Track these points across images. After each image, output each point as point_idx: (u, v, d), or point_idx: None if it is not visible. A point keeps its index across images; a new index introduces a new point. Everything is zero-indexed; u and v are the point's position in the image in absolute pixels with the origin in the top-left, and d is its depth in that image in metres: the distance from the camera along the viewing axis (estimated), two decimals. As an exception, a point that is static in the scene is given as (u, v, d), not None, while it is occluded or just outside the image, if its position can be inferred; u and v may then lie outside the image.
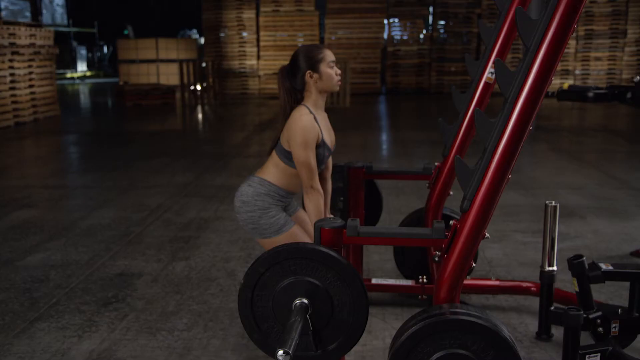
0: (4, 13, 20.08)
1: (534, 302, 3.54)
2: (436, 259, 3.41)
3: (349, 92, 14.64)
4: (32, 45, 12.08)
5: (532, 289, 3.43)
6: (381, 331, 3.25)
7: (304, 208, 3.05)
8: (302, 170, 2.79)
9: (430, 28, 18.42)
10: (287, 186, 2.96)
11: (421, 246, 3.34)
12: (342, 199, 3.47)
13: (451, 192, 3.39)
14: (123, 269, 4.22)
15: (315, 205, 2.81)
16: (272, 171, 2.93)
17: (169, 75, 21.01)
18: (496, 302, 3.60)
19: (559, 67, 13.73)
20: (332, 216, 3.12)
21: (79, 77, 26.05)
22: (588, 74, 17.72)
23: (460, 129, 3.28)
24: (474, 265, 2.33)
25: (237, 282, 3.94)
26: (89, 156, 9.04)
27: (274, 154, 2.97)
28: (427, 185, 3.44)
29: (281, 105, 2.93)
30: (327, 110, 3.04)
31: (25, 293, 3.81)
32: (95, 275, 4.11)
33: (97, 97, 19.62)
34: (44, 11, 22.56)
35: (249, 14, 18.22)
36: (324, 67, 2.83)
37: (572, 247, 4.49)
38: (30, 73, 12.13)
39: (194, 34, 28.79)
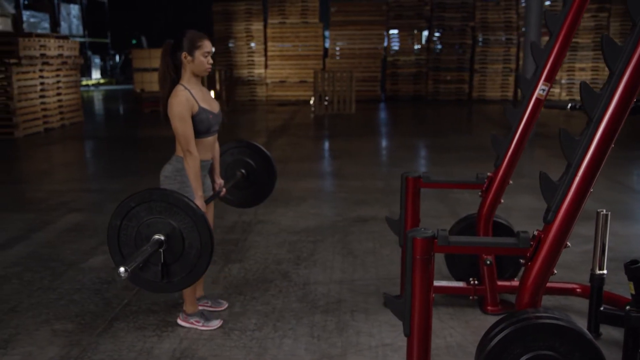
0: (24, 25, 19.92)
1: (575, 302, 3.57)
2: (488, 262, 3.46)
3: (354, 99, 14.64)
4: (60, 55, 12.01)
5: (577, 290, 3.46)
6: (440, 330, 3.27)
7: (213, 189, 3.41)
8: (180, 138, 3.03)
9: (427, 39, 18.45)
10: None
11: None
12: (242, 170, 3.71)
13: (502, 200, 3.41)
14: (182, 270, 4.21)
15: (193, 168, 3.03)
16: (179, 147, 3.11)
17: (180, 83, 20.93)
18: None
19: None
20: (221, 181, 3.44)
21: (93, 85, 25.88)
22: (573, 84, 17.82)
23: (512, 141, 3.30)
24: (555, 272, 2.35)
25: (293, 284, 3.95)
26: (119, 160, 8.99)
27: None
28: (479, 193, 3.46)
29: (160, 72, 3.14)
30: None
31: (96, 294, 3.80)
32: (157, 276, 4.09)
33: (114, 104, 19.52)
34: (62, 23, 22.45)
35: (257, 26, 18.19)
36: (198, 54, 3.07)
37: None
38: (58, 82, 12.05)
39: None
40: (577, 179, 2.22)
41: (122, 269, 2.36)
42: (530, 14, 10.99)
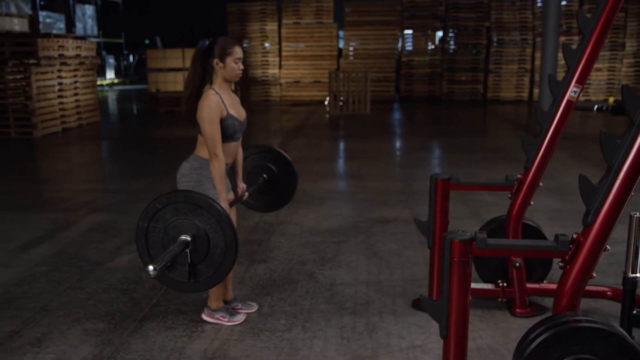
0: (40, 26, 20.07)
1: (604, 305, 3.55)
2: (517, 264, 3.44)
3: (369, 99, 14.61)
4: (78, 56, 12.10)
5: (608, 293, 3.44)
6: (470, 332, 3.25)
7: (234, 191, 3.43)
8: (208, 140, 3.08)
9: (441, 39, 18.40)
10: None
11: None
12: (264, 175, 3.73)
13: (532, 202, 3.40)
14: (208, 270, 4.22)
15: (218, 170, 3.08)
16: (201, 147, 3.19)
17: (194, 83, 20.97)
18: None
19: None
20: (244, 185, 3.47)
21: (107, 84, 26.02)
22: (589, 84, 17.69)
23: (543, 143, 3.29)
24: (594, 275, 2.34)
25: (319, 285, 3.96)
26: (137, 160, 9.04)
27: (199, 135, 3.18)
28: (508, 195, 3.44)
29: (189, 78, 3.19)
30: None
31: (125, 294, 3.83)
32: (184, 276, 4.11)
33: (129, 104, 19.63)
34: (77, 23, 22.60)
35: (271, 26, 18.23)
36: (229, 60, 3.12)
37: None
38: (76, 82, 12.14)
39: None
40: (618, 182, 2.21)
41: (151, 267, 2.46)
42: (548, 14, 10.94)
